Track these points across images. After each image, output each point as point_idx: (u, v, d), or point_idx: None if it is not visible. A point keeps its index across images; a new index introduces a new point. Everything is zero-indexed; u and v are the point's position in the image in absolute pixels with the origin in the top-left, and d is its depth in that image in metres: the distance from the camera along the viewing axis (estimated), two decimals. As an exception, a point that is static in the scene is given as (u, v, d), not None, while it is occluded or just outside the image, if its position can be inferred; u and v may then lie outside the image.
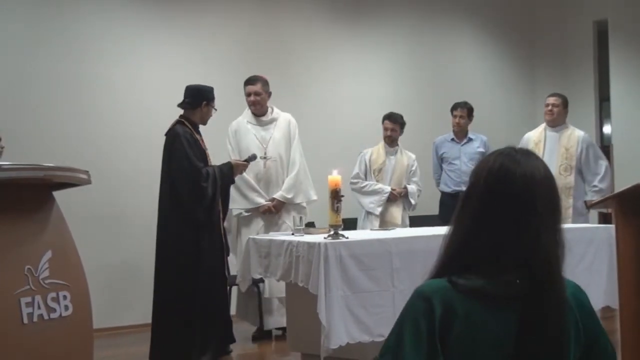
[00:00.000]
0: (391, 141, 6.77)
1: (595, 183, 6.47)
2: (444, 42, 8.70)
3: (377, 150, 6.79)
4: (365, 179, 6.70)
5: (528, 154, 1.68)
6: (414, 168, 6.84)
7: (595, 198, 6.34)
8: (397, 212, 6.69)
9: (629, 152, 7.98)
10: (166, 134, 5.27)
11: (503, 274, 1.58)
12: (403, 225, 6.59)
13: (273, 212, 5.92)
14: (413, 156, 6.88)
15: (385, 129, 6.76)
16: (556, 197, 1.67)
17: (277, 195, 5.95)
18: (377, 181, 6.68)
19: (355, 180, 6.69)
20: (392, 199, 6.65)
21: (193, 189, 5.09)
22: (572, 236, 4.90)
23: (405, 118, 6.79)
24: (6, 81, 6.26)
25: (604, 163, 6.57)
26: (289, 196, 5.97)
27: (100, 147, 6.55)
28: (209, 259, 5.13)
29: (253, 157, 5.55)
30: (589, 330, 1.66)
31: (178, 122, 5.28)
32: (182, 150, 5.11)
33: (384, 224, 6.46)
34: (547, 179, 1.66)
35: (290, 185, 5.99)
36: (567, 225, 5.53)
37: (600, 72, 8.82)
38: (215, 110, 5.42)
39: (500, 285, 1.58)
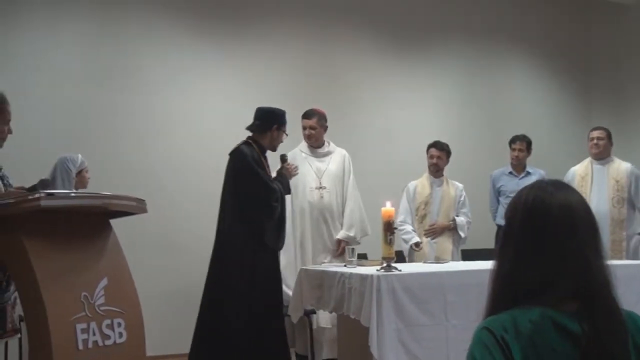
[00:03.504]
0: (437, 170, 6.41)
1: None
2: (498, 74, 8.63)
3: (421, 182, 6.47)
4: (411, 215, 6.37)
5: (559, 185, 1.69)
6: (462, 199, 6.45)
7: None
8: (447, 247, 6.32)
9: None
10: (231, 154, 5.17)
11: (558, 302, 1.57)
12: (454, 260, 6.22)
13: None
14: (460, 186, 6.50)
15: (431, 157, 6.42)
16: (595, 221, 1.67)
17: (340, 235, 5.94)
18: (424, 214, 6.32)
19: (401, 228, 6.28)
20: (433, 233, 6.29)
21: (264, 208, 4.96)
22: (630, 272, 4.82)
23: (457, 149, 6.64)
24: (69, 114, 6.46)
25: None
26: (352, 234, 5.94)
27: (158, 176, 6.67)
28: (265, 283, 5.00)
29: (284, 156, 5.40)
30: None
31: (244, 142, 5.15)
32: (252, 169, 4.97)
33: (435, 259, 6.12)
34: (583, 204, 1.67)
35: (349, 223, 5.97)
36: (624, 262, 5.44)
37: (658, 106, 8.64)
38: (287, 135, 5.26)
39: (559, 314, 1.56)
